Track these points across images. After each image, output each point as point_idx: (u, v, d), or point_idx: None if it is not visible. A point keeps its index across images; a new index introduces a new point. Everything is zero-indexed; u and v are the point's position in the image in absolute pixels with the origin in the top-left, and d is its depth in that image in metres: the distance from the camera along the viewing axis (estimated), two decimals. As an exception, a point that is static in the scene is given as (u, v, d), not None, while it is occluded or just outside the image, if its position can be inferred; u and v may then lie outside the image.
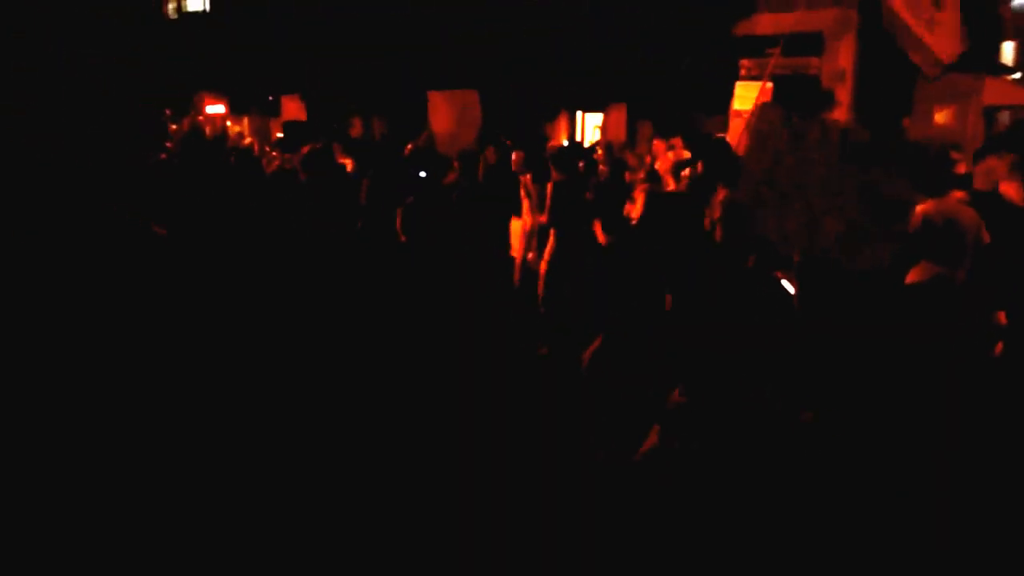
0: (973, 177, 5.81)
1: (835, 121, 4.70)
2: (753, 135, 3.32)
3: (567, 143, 13.04)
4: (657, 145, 8.66)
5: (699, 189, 5.10)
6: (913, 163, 5.75)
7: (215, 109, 17.73)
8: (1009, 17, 11.96)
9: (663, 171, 6.93)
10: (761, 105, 4.67)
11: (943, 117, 8.59)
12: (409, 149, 8.55)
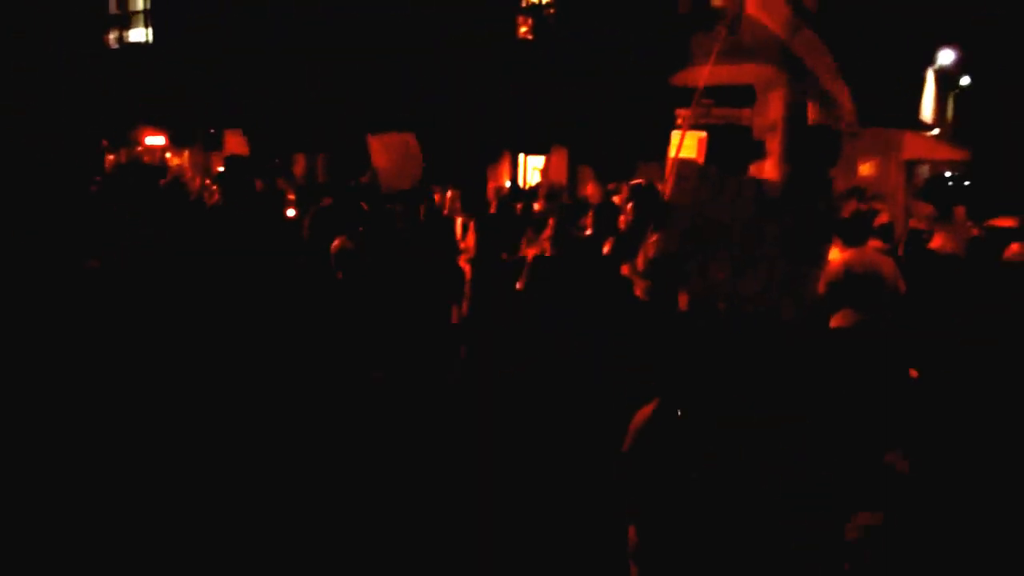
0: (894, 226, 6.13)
1: (751, 176, 4.91)
2: (674, 188, 3.45)
3: (508, 184, 13.23)
4: (591, 188, 8.85)
5: (628, 234, 5.23)
6: (833, 214, 6.03)
7: (155, 141, 17.48)
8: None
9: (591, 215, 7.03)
10: (679, 159, 4.86)
11: (867, 169, 9.00)
12: (352, 187, 8.56)
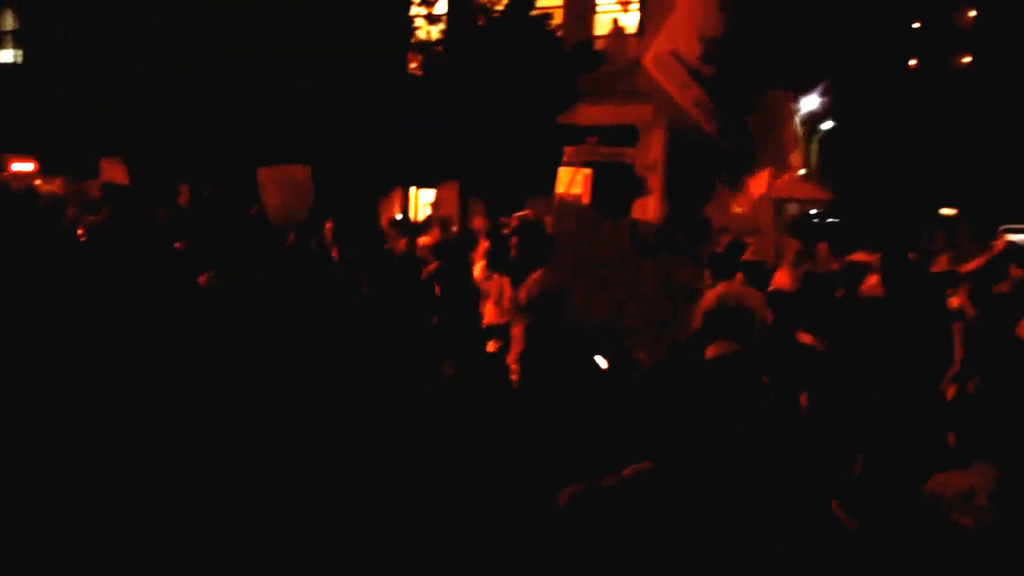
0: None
1: (627, 217, 5.20)
2: (555, 226, 3.66)
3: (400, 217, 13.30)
4: (480, 222, 9.06)
5: (514, 267, 5.32)
6: (705, 250, 6.44)
7: (23, 167, 16.57)
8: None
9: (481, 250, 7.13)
10: (559, 199, 5.10)
11: (739, 207, 9.63)
12: (239, 219, 8.41)
